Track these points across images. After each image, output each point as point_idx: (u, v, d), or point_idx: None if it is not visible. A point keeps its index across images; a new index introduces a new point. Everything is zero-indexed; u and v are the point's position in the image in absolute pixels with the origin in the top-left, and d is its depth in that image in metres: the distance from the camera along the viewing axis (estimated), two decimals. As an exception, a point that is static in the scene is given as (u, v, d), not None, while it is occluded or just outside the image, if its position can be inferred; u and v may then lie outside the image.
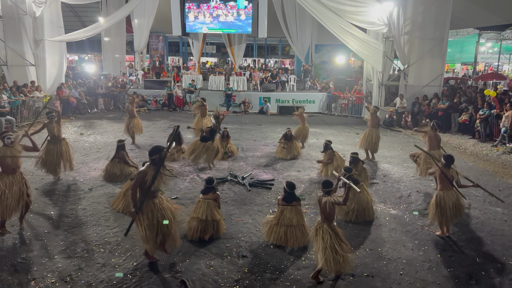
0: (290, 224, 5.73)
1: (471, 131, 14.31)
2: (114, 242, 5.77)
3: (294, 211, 5.81)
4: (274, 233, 5.80)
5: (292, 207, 5.82)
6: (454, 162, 6.15)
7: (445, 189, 6.06)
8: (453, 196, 6.04)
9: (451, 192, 6.06)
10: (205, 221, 5.82)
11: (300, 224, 5.81)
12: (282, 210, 5.82)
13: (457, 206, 6.04)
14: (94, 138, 12.61)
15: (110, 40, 22.87)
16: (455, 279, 5.08)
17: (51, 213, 6.71)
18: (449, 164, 6.07)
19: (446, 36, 16.21)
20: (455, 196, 6.07)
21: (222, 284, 4.84)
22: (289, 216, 5.76)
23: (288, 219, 5.74)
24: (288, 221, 5.74)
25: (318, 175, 9.21)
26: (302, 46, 23.21)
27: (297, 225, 5.75)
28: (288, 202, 5.83)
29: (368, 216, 6.74)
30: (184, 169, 9.33)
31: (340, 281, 4.97)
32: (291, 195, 5.85)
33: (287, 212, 5.78)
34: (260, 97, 19.95)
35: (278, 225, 5.80)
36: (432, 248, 5.90)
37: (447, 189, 6.07)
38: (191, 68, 23.92)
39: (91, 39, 25.26)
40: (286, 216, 5.76)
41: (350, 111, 19.26)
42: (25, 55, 15.72)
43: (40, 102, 15.23)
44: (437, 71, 16.39)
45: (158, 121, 16.09)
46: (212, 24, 20.84)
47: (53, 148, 8.20)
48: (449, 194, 6.03)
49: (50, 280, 4.78)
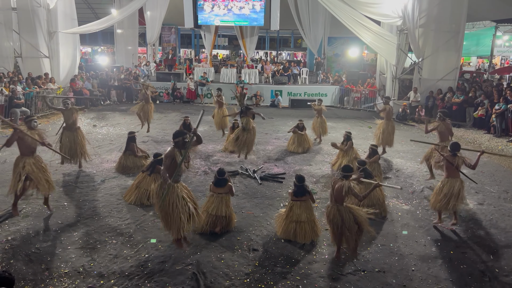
0: (299, 220, 5.72)
1: (486, 126, 14.07)
2: (127, 233, 5.83)
3: (303, 207, 5.77)
4: (284, 228, 5.82)
5: (301, 203, 5.78)
6: (460, 149, 6.14)
7: (451, 177, 6.09)
8: (459, 185, 6.06)
9: (457, 180, 6.08)
10: (215, 216, 5.83)
11: (310, 220, 5.79)
12: (291, 206, 5.81)
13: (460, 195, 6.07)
14: (107, 130, 12.72)
15: (123, 32, 22.95)
16: (468, 276, 5.02)
17: (65, 204, 6.79)
18: (455, 152, 6.07)
19: (462, 28, 15.89)
20: (461, 185, 6.08)
21: (233, 277, 4.85)
22: (298, 212, 5.73)
23: (297, 215, 5.73)
24: (297, 217, 5.73)
25: (330, 169, 9.16)
26: (315, 39, 22.99)
27: (306, 220, 5.74)
28: (297, 196, 5.80)
29: (381, 212, 6.67)
30: (195, 162, 9.35)
31: (351, 276, 4.95)
32: (300, 188, 5.82)
33: (296, 208, 5.76)
34: (272, 90, 19.86)
35: (287, 220, 5.80)
36: (445, 244, 5.83)
37: (453, 177, 6.09)
38: (203, 60, 23.91)
39: (104, 31, 25.35)
40: (295, 212, 5.74)
41: (363, 104, 19.09)
42: (39, 47, 15.87)
43: (54, 93, 15.40)
44: (452, 65, 16.09)
45: (170, 114, 16.15)
46: (227, 17, 20.74)
47: (70, 136, 8.30)
48: (455, 182, 6.06)
49: (63, 270, 4.85)
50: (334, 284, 4.78)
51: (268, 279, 4.84)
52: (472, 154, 7.13)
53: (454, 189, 6.00)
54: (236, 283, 4.74)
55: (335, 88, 19.99)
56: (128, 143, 8.68)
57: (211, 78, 20.64)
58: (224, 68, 21.47)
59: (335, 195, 5.09)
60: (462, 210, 7.03)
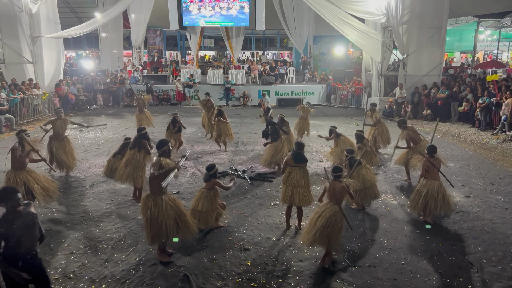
0: (297, 185, 5.88)
1: (471, 120, 14.29)
2: (117, 238, 5.79)
3: (301, 173, 5.92)
4: (283, 194, 6.02)
5: (300, 169, 5.92)
6: (436, 151, 6.26)
7: (431, 179, 6.16)
8: (438, 186, 6.10)
9: (436, 182, 6.13)
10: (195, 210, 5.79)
11: (306, 185, 5.96)
12: (290, 172, 5.94)
13: (444, 197, 6.09)
14: (94, 134, 12.60)
15: (107, 35, 22.74)
16: (456, 267, 5.10)
17: (53, 210, 6.72)
18: (432, 154, 6.20)
19: (445, 24, 16.13)
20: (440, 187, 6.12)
21: (225, 277, 4.86)
22: (296, 177, 5.89)
23: (295, 180, 5.89)
24: (295, 182, 5.89)
25: (317, 166, 9.22)
26: (301, 38, 23.08)
27: (304, 185, 5.91)
28: (296, 162, 5.92)
29: (374, 195, 6.76)
30: (184, 163, 9.31)
31: (342, 272, 4.99)
32: (300, 155, 5.95)
33: (294, 174, 5.90)
34: (259, 90, 19.88)
35: (285, 185, 5.97)
36: (433, 237, 5.91)
37: (432, 178, 6.15)
38: (189, 62, 23.82)
39: (88, 35, 25.13)
40: (294, 177, 5.89)
41: (350, 102, 19.22)
42: (23, 52, 15.64)
43: (39, 99, 15.20)
44: (436, 60, 16.33)
45: (157, 116, 16.05)
46: (213, 18, 20.70)
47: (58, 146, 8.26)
48: (433, 184, 6.11)
49: (53, 276, 4.80)
50: (326, 280, 4.82)
51: (260, 278, 4.86)
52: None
53: (434, 191, 6.06)
54: (229, 283, 4.75)
55: (322, 86, 20.11)
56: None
57: (198, 80, 20.59)
58: (211, 69, 21.44)
59: (337, 196, 5.08)
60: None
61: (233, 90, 19.83)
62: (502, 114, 12.54)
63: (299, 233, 5.93)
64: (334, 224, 4.95)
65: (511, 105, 12.30)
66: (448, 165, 9.51)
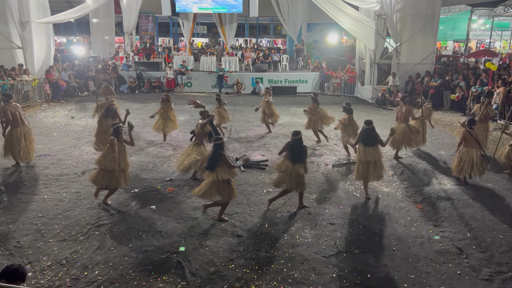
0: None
1: (463, 109, 14.36)
2: (109, 224, 5.79)
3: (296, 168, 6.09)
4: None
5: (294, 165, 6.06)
6: (475, 123, 7.63)
7: (469, 147, 7.24)
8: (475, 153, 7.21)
9: (473, 150, 7.23)
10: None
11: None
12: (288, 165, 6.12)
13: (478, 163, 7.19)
14: (85, 121, 12.48)
15: (98, 21, 22.37)
16: (446, 253, 5.19)
17: (45, 197, 6.68)
18: (471, 126, 7.33)
19: (438, 13, 16.10)
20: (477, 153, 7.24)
21: (218, 263, 4.89)
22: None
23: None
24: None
25: (310, 154, 9.24)
26: (294, 25, 22.90)
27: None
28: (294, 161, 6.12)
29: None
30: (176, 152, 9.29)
31: (333, 258, 5.05)
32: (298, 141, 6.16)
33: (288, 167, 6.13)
34: (253, 77, 19.76)
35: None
36: (424, 224, 5.99)
37: (470, 146, 7.24)
38: (182, 49, 23.58)
39: (79, 21, 24.71)
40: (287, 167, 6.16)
41: (343, 90, 19.21)
42: (12, 37, 15.35)
43: (29, 85, 14.99)
44: (429, 49, 16.35)
45: (150, 104, 15.94)
46: (205, 3, 20.44)
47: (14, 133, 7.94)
48: (471, 151, 7.23)
49: (46, 263, 4.80)
50: (317, 266, 4.87)
51: (253, 264, 4.90)
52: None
53: (474, 156, 7.18)
54: (221, 269, 4.78)
55: (315, 74, 20.04)
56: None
57: (191, 67, 20.41)
58: (203, 56, 21.23)
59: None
60: (440, 190, 7.25)
61: (226, 77, 19.70)
62: (494, 103, 12.62)
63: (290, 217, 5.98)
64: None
65: (502, 94, 12.38)
66: (439, 153, 9.60)
